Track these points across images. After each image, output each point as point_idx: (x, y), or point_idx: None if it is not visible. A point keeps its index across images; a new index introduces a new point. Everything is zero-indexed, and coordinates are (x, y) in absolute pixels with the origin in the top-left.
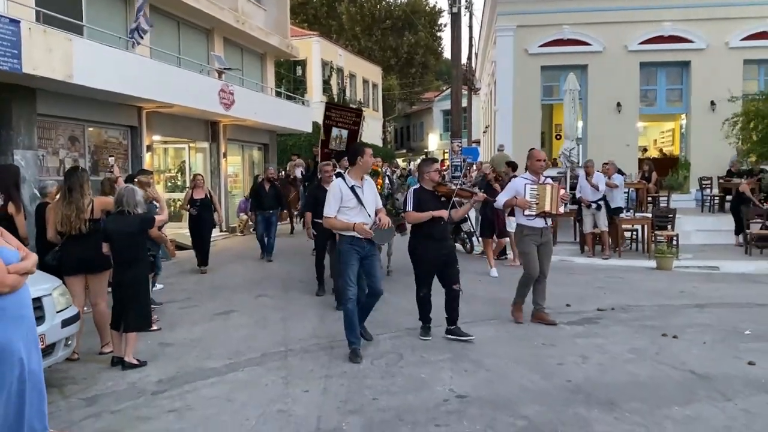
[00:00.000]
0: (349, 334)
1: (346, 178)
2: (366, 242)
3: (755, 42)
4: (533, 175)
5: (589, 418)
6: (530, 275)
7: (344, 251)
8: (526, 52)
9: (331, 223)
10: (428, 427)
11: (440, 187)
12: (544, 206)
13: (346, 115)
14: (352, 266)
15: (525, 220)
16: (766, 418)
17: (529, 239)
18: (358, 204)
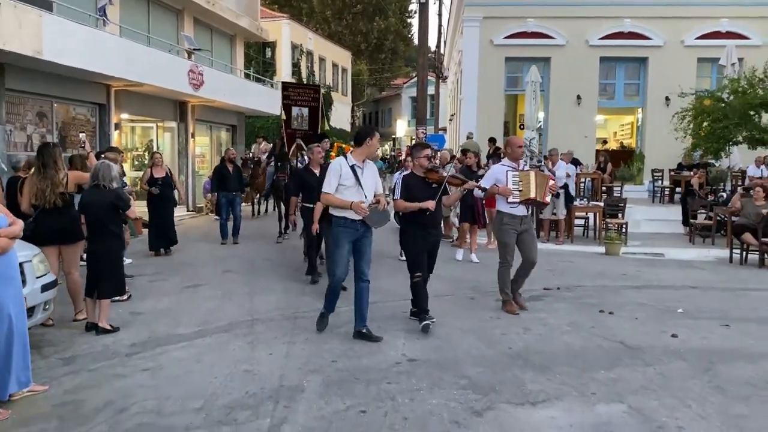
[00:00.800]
0: (327, 302)
1: (348, 157)
2: (360, 224)
3: (709, 41)
4: (513, 162)
5: (524, 379)
6: (508, 265)
7: (337, 232)
8: (492, 43)
9: (329, 199)
10: (381, 384)
11: (431, 174)
12: (529, 193)
13: (305, 92)
14: (343, 247)
15: (507, 208)
16: (678, 380)
17: (509, 228)
18: (355, 184)
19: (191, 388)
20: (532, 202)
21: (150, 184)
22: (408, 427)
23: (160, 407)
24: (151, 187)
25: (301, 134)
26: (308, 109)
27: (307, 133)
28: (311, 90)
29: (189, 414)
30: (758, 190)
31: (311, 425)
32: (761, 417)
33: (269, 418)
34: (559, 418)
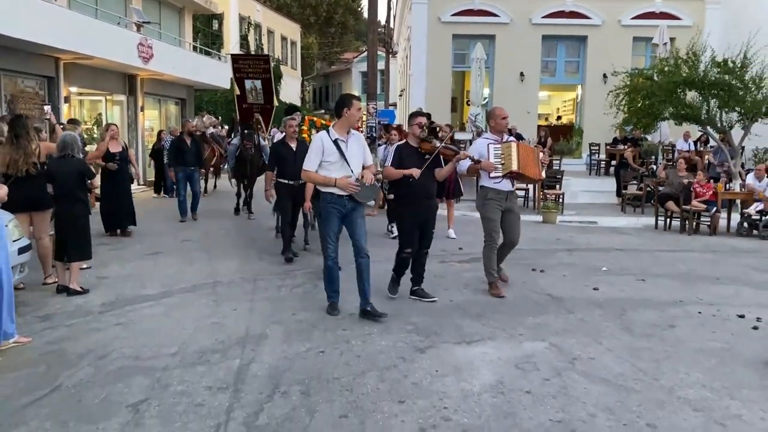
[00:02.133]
0: (328, 288)
1: (330, 131)
2: (347, 199)
3: (644, 21)
4: (496, 134)
5: (462, 324)
6: (493, 243)
7: (324, 209)
8: (439, 20)
9: (311, 176)
10: (336, 331)
11: (423, 144)
12: (511, 166)
13: (255, 63)
14: (332, 225)
15: (491, 183)
16: (593, 323)
17: (494, 203)
18: (340, 158)
19: (164, 338)
20: (515, 176)
21: (106, 159)
22: (361, 363)
23: (137, 353)
24: (108, 163)
25: (258, 108)
26: (261, 81)
27: (264, 106)
28: (261, 60)
29: (165, 358)
30: (681, 162)
31: (276, 364)
32: (659, 349)
33: (238, 359)
34: (490, 353)
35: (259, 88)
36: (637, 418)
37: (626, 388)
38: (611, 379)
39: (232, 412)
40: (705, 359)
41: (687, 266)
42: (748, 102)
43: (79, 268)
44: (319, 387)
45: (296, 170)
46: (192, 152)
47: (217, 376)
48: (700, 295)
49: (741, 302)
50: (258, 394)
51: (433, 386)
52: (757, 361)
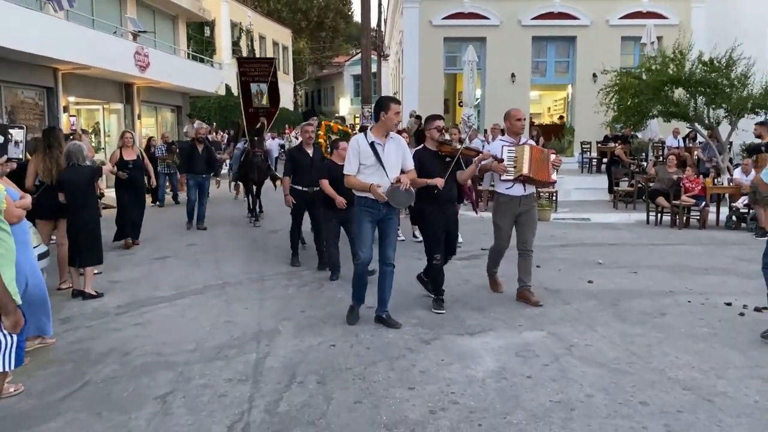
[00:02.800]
0: (355, 292)
1: (368, 134)
2: (383, 205)
3: (631, 21)
4: (512, 137)
5: (464, 317)
6: (501, 246)
7: (359, 212)
8: (431, 23)
9: (350, 181)
10: (345, 326)
11: (443, 147)
12: (522, 169)
13: (260, 67)
14: (366, 229)
15: (503, 188)
16: (589, 313)
17: (505, 209)
18: (376, 162)
19: (182, 335)
20: (525, 179)
21: (119, 167)
22: (371, 354)
23: (158, 350)
24: (119, 171)
25: (263, 112)
26: (266, 84)
27: (269, 110)
28: (266, 63)
29: (185, 354)
30: (671, 158)
31: (291, 356)
32: (651, 335)
33: (254, 353)
34: (491, 342)
35: (265, 91)
36: (630, 397)
37: (620, 371)
38: (606, 363)
39: (253, 401)
40: (694, 343)
41: (677, 258)
42: (734, 99)
43: (92, 272)
44: (334, 376)
45: (312, 177)
46: (203, 159)
47: (236, 369)
48: (689, 285)
49: (728, 291)
50: (276, 384)
51: (440, 373)
52: (742, 344)
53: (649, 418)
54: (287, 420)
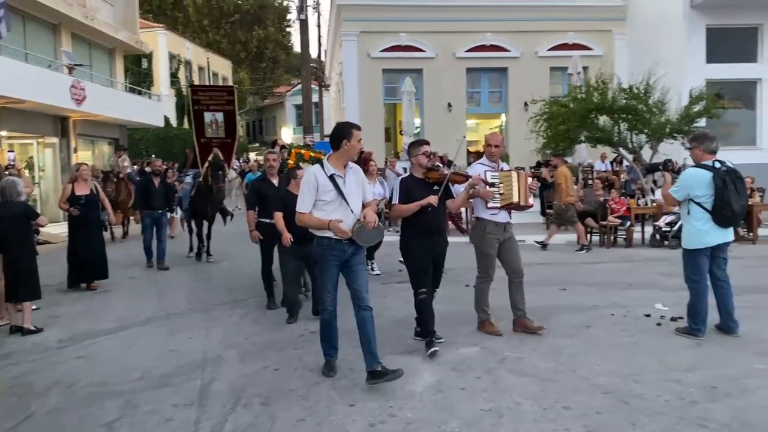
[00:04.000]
0: (323, 344)
1: (325, 165)
2: (347, 244)
3: (559, 52)
4: (491, 161)
5: (405, 336)
6: (488, 278)
7: (319, 255)
8: (369, 55)
9: (305, 219)
10: (289, 351)
11: (431, 173)
12: (512, 197)
13: (217, 95)
14: (329, 272)
15: (488, 215)
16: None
17: (492, 237)
18: (337, 197)
19: (127, 365)
20: (514, 207)
21: (71, 202)
22: (314, 375)
23: (104, 380)
24: (71, 207)
25: (217, 142)
26: (223, 113)
27: (224, 140)
28: (224, 92)
29: (131, 383)
30: (596, 182)
31: (236, 381)
32: (577, 346)
33: (200, 380)
34: (430, 359)
35: (221, 121)
36: (555, 403)
37: (548, 380)
38: (536, 373)
39: (199, 423)
40: (615, 352)
41: (604, 275)
42: (653, 124)
43: (30, 307)
44: (278, 398)
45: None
46: (160, 194)
47: (183, 395)
48: (614, 299)
49: (649, 303)
50: (222, 407)
51: (381, 390)
52: (658, 350)
53: (571, 421)
54: None
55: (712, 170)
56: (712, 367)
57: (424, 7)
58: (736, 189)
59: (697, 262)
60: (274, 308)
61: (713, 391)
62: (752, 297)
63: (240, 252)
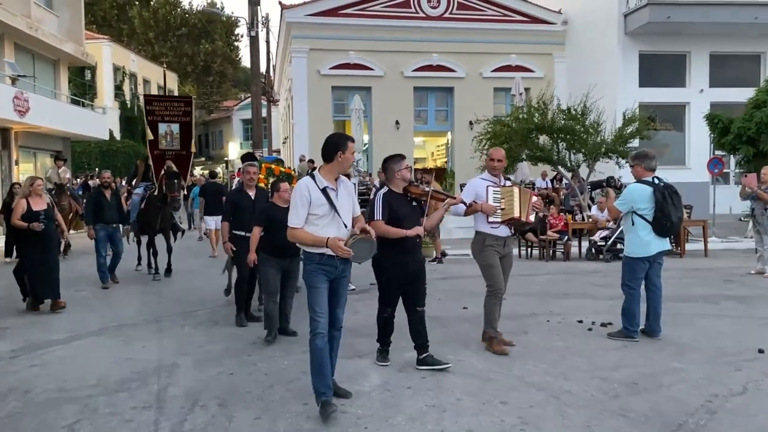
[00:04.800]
0: (317, 381)
1: (317, 178)
2: (339, 260)
3: (502, 73)
4: (493, 176)
5: (354, 343)
6: (497, 291)
7: (310, 272)
8: (319, 72)
9: (299, 235)
10: (243, 357)
11: (413, 188)
12: (513, 212)
13: (173, 105)
14: (321, 291)
15: (488, 228)
16: (464, 334)
17: (493, 250)
18: (330, 211)
19: (82, 373)
20: (515, 222)
21: (28, 219)
22: (268, 379)
23: (60, 387)
24: (32, 223)
25: (171, 155)
26: (179, 124)
27: (179, 153)
28: (182, 103)
29: (87, 389)
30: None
31: (192, 385)
32: (514, 350)
33: (156, 385)
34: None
35: (176, 132)
36: (493, 398)
37: (487, 379)
38: (475, 374)
39: (159, 423)
40: (549, 354)
41: (542, 286)
42: (589, 144)
43: None
44: (234, 399)
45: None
46: (114, 207)
47: (140, 399)
48: (550, 308)
49: (582, 311)
50: (180, 409)
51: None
52: (588, 352)
53: (507, 414)
54: None
55: (653, 185)
56: (635, 366)
57: (372, 27)
58: (673, 202)
59: (637, 269)
60: (244, 325)
61: (634, 386)
62: (674, 305)
63: (189, 266)
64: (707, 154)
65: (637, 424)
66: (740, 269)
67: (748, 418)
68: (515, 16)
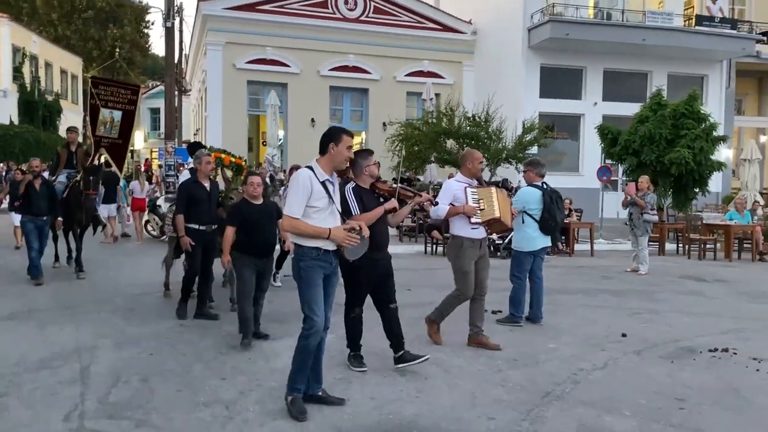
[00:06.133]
0: (297, 375)
1: (317, 170)
2: (333, 256)
3: (415, 78)
4: (470, 178)
5: (268, 327)
6: (465, 295)
7: (307, 268)
8: (234, 66)
9: (299, 226)
10: (162, 339)
11: (380, 185)
12: (493, 212)
13: (120, 92)
14: (317, 288)
15: (465, 232)
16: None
17: (470, 253)
18: (329, 204)
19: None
20: (495, 223)
21: None
22: (188, 358)
23: None
24: None
25: (107, 142)
26: (122, 113)
27: (115, 141)
28: (129, 90)
29: (9, 367)
30: None
31: (113, 364)
32: (415, 333)
33: (78, 363)
34: (290, 344)
35: (117, 120)
36: (393, 371)
37: (388, 357)
38: (378, 352)
39: (85, 395)
40: (448, 338)
41: (444, 279)
42: (492, 150)
43: None
44: (156, 375)
45: (211, 213)
46: (44, 198)
47: (64, 376)
48: None
49: None
50: (104, 384)
51: (248, 368)
52: None
53: (404, 384)
54: (118, 407)
55: (542, 189)
56: (517, 347)
57: (290, 24)
58: (558, 206)
59: (524, 261)
60: (183, 317)
61: (515, 362)
62: (557, 297)
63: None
64: (599, 162)
65: (514, 391)
66: (619, 267)
67: (603, 386)
68: (428, 23)
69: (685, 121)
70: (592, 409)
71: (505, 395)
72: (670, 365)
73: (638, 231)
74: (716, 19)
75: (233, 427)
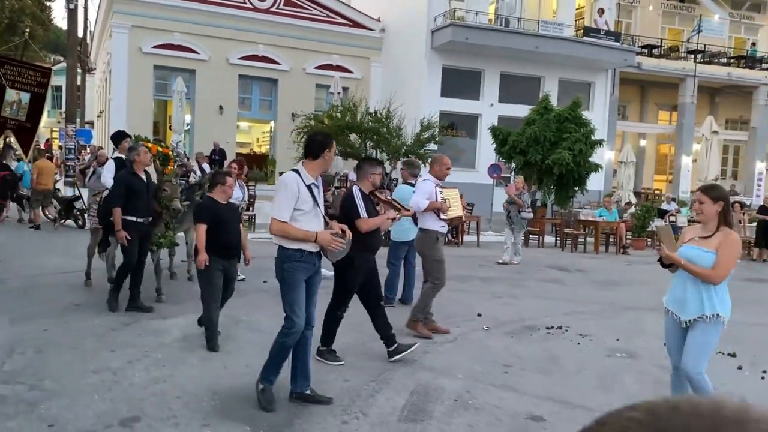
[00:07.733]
0: (271, 368)
1: (303, 174)
2: (316, 258)
3: (324, 71)
4: (437, 179)
5: (160, 307)
6: (441, 285)
7: (291, 269)
8: (140, 50)
9: (287, 230)
10: (56, 318)
11: (378, 194)
12: (458, 211)
13: (28, 73)
14: (300, 289)
15: (437, 226)
16: (260, 302)
17: (441, 244)
18: (314, 207)
19: None
20: (456, 220)
21: None
22: (81, 333)
23: None
24: None
25: (14, 125)
26: (30, 94)
27: (22, 124)
28: (39, 72)
29: None
30: (342, 190)
31: (7, 339)
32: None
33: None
34: (180, 323)
35: (25, 102)
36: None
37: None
38: (266, 329)
39: None
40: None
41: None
42: (392, 145)
43: None
44: (49, 348)
45: (149, 206)
46: None
47: None
48: None
49: None
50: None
51: (137, 341)
52: (349, 317)
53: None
54: (13, 374)
55: (413, 187)
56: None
57: (198, 11)
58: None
59: (399, 250)
60: (114, 309)
61: (375, 336)
62: None
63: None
64: (493, 160)
65: (372, 360)
66: (498, 257)
67: (447, 356)
68: (338, 18)
69: (567, 125)
70: (431, 373)
71: (362, 363)
72: (509, 339)
73: (516, 227)
74: (602, 32)
75: (119, 390)
